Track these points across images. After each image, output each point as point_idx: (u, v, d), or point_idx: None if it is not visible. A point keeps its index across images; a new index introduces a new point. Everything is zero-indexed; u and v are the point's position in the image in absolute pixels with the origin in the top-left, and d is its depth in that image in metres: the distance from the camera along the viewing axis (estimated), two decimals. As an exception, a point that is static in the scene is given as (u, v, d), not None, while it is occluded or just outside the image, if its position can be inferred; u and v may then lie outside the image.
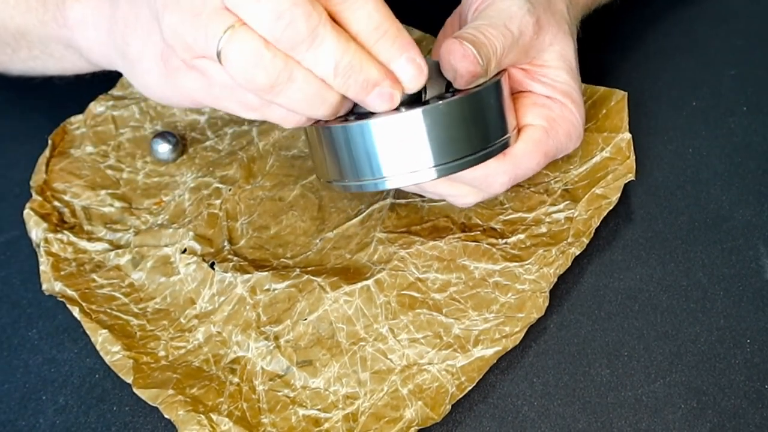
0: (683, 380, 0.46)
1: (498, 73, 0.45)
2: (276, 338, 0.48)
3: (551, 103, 0.47)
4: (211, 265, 0.51)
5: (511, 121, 0.46)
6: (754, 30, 0.63)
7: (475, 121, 0.43)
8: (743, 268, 0.50)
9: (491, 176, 0.46)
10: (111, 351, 0.48)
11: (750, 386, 0.46)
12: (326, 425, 0.45)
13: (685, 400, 0.45)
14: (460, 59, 0.42)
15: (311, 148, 0.45)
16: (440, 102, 0.42)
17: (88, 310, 0.50)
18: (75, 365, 0.49)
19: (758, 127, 0.57)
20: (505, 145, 0.45)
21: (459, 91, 0.44)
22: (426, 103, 0.42)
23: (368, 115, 0.42)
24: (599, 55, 0.60)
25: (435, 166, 0.42)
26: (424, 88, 0.42)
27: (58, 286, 0.51)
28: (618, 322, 0.48)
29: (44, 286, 0.51)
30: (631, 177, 0.52)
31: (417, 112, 0.41)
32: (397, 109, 0.41)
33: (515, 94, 0.48)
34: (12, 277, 0.54)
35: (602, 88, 0.56)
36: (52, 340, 0.50)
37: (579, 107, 0.48)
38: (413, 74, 0.40)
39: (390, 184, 0.43)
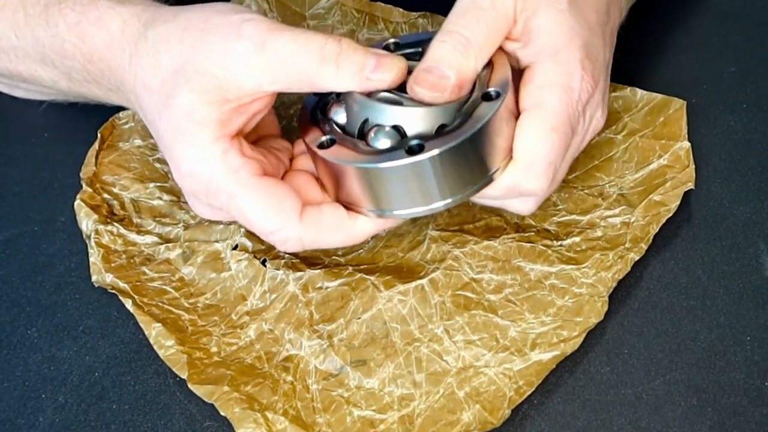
0: (683, 378, 0.46)
1: (498, 95, 0.43)
2: (329, 337, 0.47)
3: (533, 72, 0.45)
4: (263, 263, 0.50)
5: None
6: (754, 27, 0.63)
7: (482, 150, 0.43)
8: (743, 266, 0.50)
9: (520, 184, 0.44)
10: (165, 345, 0.47)
11: (750, 384, 0.45)
12: (381, 427, 0.44)
13: (685, 397, 0.45)
14: (430, 90, 0.42)
15: (319, 172, 0.46)
16: (448, 145, 0.41)
17: (140, 303, 0.49)
18: (74, 363, 0.49)
19: (758, 124, 0.57)
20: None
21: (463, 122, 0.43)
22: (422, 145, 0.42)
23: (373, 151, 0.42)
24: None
25: (445, 199, 0.43)
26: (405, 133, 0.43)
27: (109, 278, 0.50)
28: (618, 320, 0.48)
29: (94, 278, 0.51)
30: (690, 185, 0.51)
31: (426, 157, 0.41)
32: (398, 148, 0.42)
33: None
34: (11, 276, 0.53)
35: (660, 96, 0.55)
36: (51, 339, 0.50)
37: (569, 51, 0.44)
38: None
39: (402, 216, 0.44)
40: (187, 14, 0.45)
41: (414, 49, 0.47)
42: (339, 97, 0.45)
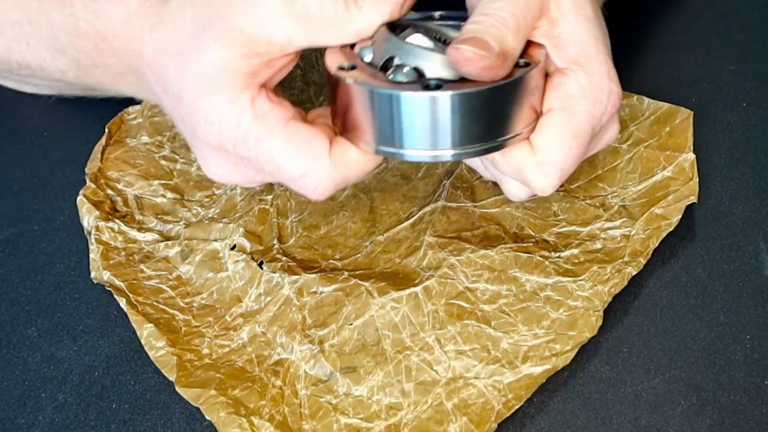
0: (683, 376, 0.46)
1: (531, 64, 0.43)
2: (320, 342, 0.47)
3: (566, 79, 0.45)
4: (260, 264, 0.50)
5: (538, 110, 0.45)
6: (754, 25, 0.63)
7: (500, 110, 0.43)
8: (743, 264, 0.50)
9: (522, 168, 0.44)
10: (156, 346, 0.47)
11: (750, 382, 0.45)
12: (367, 435, 0.44)
13: (685, 396, 0.45)
14: (465, 64, 0.41)
15: (335, 100, 0.45)
16: (468, 90, 0.41)
17: (134, 302, 0.49)
18: (74, 363, 0.49)
19: (758, 122, 0.57)
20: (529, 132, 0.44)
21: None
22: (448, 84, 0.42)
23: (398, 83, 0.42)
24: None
25: (454, 148, 0.43)
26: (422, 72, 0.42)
27: (106, 275, 0.51)
28: (617, 319, 0.48)
29: (93, 275, 0.52)
30: (693, 199, 0.50)
31: (446, 95, 0.41)
32: (426, 86, 0.42)
33: None
34: (11, 275, 0.54)
35: (666, 105, 0.55)
36: (51, 338, 0.50)
37: (599, 64, 0.45)
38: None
39: (408, 158, 0.44)
40: None
41: (456, 22, 0.46)
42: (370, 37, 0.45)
